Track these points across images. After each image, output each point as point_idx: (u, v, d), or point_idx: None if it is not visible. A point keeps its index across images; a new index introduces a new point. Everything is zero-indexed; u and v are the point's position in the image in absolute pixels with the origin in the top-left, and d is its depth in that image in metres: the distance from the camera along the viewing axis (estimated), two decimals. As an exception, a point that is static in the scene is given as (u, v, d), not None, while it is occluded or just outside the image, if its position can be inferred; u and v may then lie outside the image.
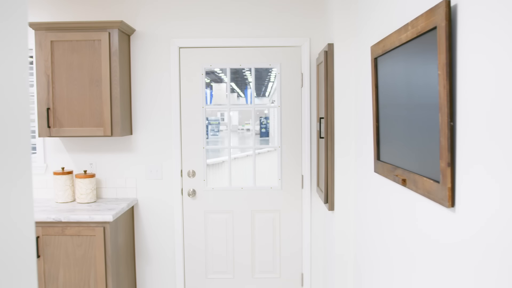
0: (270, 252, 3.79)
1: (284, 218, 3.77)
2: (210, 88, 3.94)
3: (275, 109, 3.80)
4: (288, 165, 3.75)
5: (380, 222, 2.28)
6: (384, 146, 2.10)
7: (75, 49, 3.37)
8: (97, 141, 3.77)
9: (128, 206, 3.53)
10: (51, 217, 3.15)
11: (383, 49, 2.03)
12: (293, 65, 3.70)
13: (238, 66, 3.71)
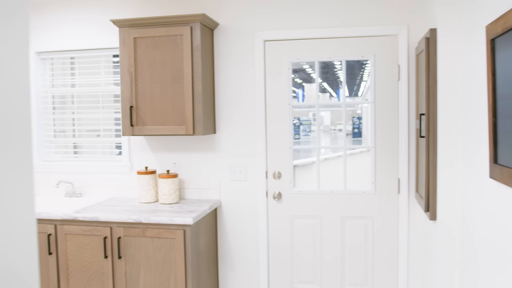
0: (361, 262, 3.44)
1: (377, 226, 3.41)
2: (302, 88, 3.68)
3: (368, 107, 3.45)
4: (382, 168, 3.38)
5: (496, 239, 1.88)
6: (504, 147, 1.70)
7: (157, 45, 3.27)
8: (180, 140, 3.66)
9: (210, 208, 3.37)
10: (132, 218, 3.07)
11: (504, 27, 1.64)
12: (389, 56, 3.32)
13: (327, 59, 3.41)
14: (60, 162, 3.97)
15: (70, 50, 3.88)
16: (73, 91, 3.96)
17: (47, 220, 3.28)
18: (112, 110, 3.88)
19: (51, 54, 3.96)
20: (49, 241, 3.26)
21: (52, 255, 3.27)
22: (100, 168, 3.83)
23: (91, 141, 3.95)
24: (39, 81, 4.01)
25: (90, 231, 3.18)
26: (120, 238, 3.12)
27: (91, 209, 3.32)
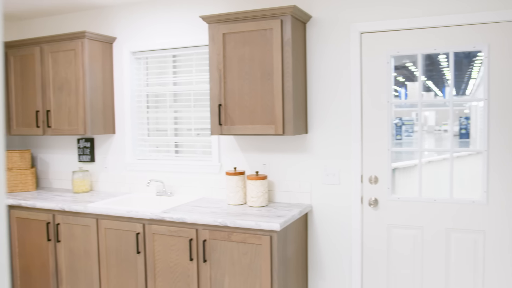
0: (469, 282, 3.03)
1: (490, 242, 2.98)
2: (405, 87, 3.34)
3: (478, 105, 3.02)
4: (497, 174, 2.94)
5: None
6: None
7: (246, 40, 3.13)
8: (270, 140, 3.50)
9: (300, 213, 3.16)
10: (218, 220, 2.95)
11: None
12: (506, 46, 2.88)
13: (432, 51, 3.04)
14: (153, 160, 3.98)
15: (162, 49, 3.88)
16: (165, 90, 3.96)
17: (136, 219, 3.28)
18: (204, 109, 3.81)
19: (145, 54, 3.99)
20: (138, 240, 3.25)
21: (140, 254, 3.26)
22: (191, 167, 3.78)
23: (183, 140, 3.92)
24: (134, 80, 4.06)
25: (176, 232, 3.11)
26: (206, 241, 3.02)
27: (178, 210, 3.26)
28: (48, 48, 3.97)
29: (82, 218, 3.49)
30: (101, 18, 4.15)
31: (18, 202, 3.78)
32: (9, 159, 4.25)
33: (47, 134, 4.03)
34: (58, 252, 3.63)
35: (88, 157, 4.26)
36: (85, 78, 3.81)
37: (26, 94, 4.12)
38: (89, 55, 3.84)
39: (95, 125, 3.91)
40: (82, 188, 4.12)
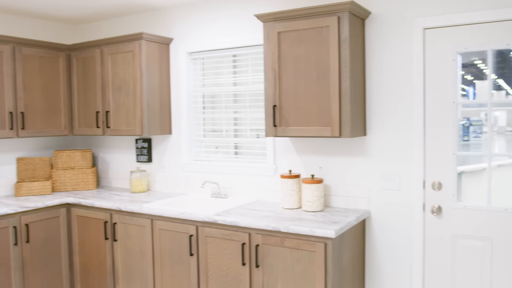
0: (547, 299, 2.76)
1: None
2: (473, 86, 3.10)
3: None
4: None
5: None
6: None
7: (301, 39, 3.01)
8: (326, 142, 3.36)
9: (357, 219, 3.01)
10: (271, 225, 2.86)
11: None
12: None
13: (504, 46, 2.79)
14: (208, 162, 3.96)
15: (217, 49, 3.84)
16: (221, 90, 3.92)
17: (189, 221, 3.25)
18: (260, 110, 3.74)
19: (201, 54, 3.97)
20: (191, 242, 3.22)
21: (193, 256, 3.24)
22: (245, 169, 3.72)
23: (239, 141, 3.86)
24: (190, 81, 4.05)
25: (229, 235, 3.06)
26: (258, 245, 2.94)
27: (232, 213, 3.20)
28: (107, 50, 4.04)
29: (138, 218, 3.52)
30: (158, 20, 4.17)
31: (78, 200, 3.87)
32: (71, 158, 4.37)
33: (106, 134, 4.11)
34: (115, 251, 3.69)
35: (146, 157, 4.30)
36: (142, 79, 3.85)
37: (87, 95, 4.22)
38: (146, 56, 3.86)
39: (151, 125, 3.94)
40: (139, 188, 4.17)
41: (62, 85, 4.30)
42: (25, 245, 3.69)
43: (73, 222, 3.96)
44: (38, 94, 4.10)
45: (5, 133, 3.87)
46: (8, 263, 3.57)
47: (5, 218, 3.56)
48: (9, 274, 3.58)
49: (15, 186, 4.07)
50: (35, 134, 4.09)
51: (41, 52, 4.11)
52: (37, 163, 4.32)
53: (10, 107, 3.89)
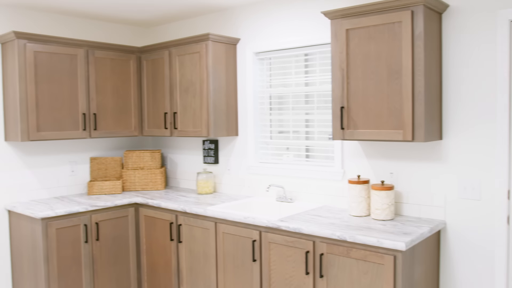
0: None
1: None
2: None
3: None
4: None
5: None
6: None
7: (371, 36, 2.82)
8: (398, 146, 3.14)
9: (431, 231, 2.77)
10: (336, 234, 2.70)
11: None
12: None
13: None
14: (274, 164, 3.85)
15: (284, 49, 3.73)
16: (288, 91, 3.80)
17: (252, 226, 3.17)
18: (328, 111, 3.58)
19: (268, 54, 3.88)
20: (254, 247, 3.14)
21: (256, 262, 3.15)
22: (312, 173, 3.57)
23: (307, 143, 3.72)
24: (257, 82, 3.97)
25: (292, 242, 2.93)
26: (323, 254, 2.79)
27: (296, 219, 3.08)
28: (175, 52, 4.05)
29: (202, 220, 3.49)
30: (225, 20, 4.13)
31: (146, 200, 3.91)
32: (140, 158, 4.44)
33: (174, 135, 4.12)
34: (180, 252, 3.68)
35: (212, 158, 4.28)
36: (209, 80, 3.82)
37: (156, 96, 4.27)
38: (213, 57, 3.83)
39: (217, 127, 3.90)
40: (206, 190, 4.15)
41: (132, 86, 4.38)
42: (95, 242, 3.78)
43: (141, 222, 4.01)
44: (110, 95, 4.20)
45: (79, 134, 3.99)
46: (79, 260, 3.68)
47: (77, 216, 3.67)
48: (80, 270, 3.69)
49: (88, 185, 4.19)
50: (107, 134, 4.19)
51: (113, 55, 4.20)
52: (109, 163, 4.43)
53: (83, 109, 4.01)
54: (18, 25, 3.95)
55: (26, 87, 3.66)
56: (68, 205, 3.71)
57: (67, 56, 3.90)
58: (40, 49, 3.73)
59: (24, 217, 3.68)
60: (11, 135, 3.78)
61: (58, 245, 3.55)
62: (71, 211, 3.60)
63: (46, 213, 3.47)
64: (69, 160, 4.30)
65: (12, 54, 3.68)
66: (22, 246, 3.73)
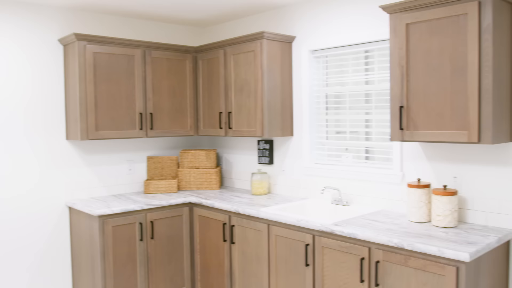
0: None
1: None
2: None
3: None
4: None
5: None
6: None
7: (433, 30, 2.64)
8: (462, 148, 2.93)
9: (498, 241, 2.55)
10: (393, 241, 2.55)
11: None
12: None
13: None
14: (330, 166, 3.72)
15: (340, 46, 3.59)
16: (345, 90, 3.66)
17: (305, 229, 3.06)
18: (385, 111, 3.41)
19: (324, 52, 3.75)
20: (307, 251, 3.03)
21: (308, 267, 3.04)
22: (369, 175, 3.42)
23: (363, 144, 3.57)
24: (313, 80, 3.86)
25: (347, 248, 2.80)
26: (379, 262, 2.64)
27: (351, 223, 2.94)
28: (230, 51, 4.02)
29: (255, 222, 3.42)
30: (280, 18, 4.04)
31: (200, 200, 3.90)
32: (196, 158, 4.45)
33: (229, 135, 4.09)
34: (233, 253, 3.64)
35: (267, 159, 4.21)
36: (263, 79, 3.75)
37: (211, 96, 4.26)
38: (267, 56, 3.76)
39: (272, 127, 3.82)
40: (260, 191, 4.08)
41: (188, 86, 4.39)
42: (150, 241, 3.81)
43: (195, 222, 4.01)
44: (166, 95, 4.23)
45: (136, 133, 4.04)
46: (134, 257, 3.72)
47: (133, 215, 3.71)
48: (135, 267, 3.73)
49: (145, 183, 4.25)
50: (163, 134, 4.22)
51: (169, 55, 4.23)
52: (165, 162, 4.47)
53: (140, 108, 4.06)
54: (79, 27, 4.06)
55: (85, 87, 3.75)
56: (125, 203, 3.76)
57: (125, 57, 3.96)
58: (99, 50, 3.81)
59: (83, 214, 3.77)
60: (72, 134, 3.88)
61: (114, 242, 3.61)
62: (127, 209, 3.65)
63: (103, 210, 3.53)
64: (127, 159, 4.38)
65: (73, 55, 3.79)
66: (81, 242, 3.83)
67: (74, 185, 4.05)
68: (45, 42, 3.87)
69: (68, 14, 3.98)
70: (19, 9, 3.72)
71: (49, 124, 3.91)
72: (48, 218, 3.91)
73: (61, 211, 3.98)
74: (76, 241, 3.92)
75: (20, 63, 3.75)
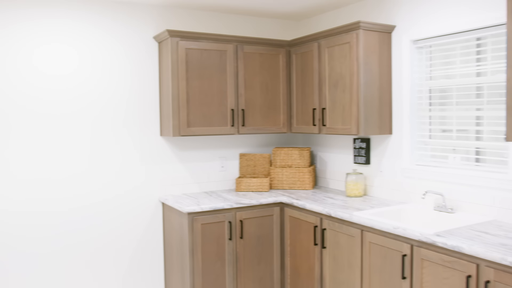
0: None
1: None
2: None
3: None
4: None
5: None
6: None
7: None
8: None
9: None
10: (508, 259, 2.18)
11: None
12: None
13: None
14: (433, 167, 3.36)
15: (447, 34, 3.21)
16: (451, 83, 3.27)
17: (403, 238, 2.77)
18: (499, 106, 2.99)
19: (428, 41, 3.39)
20: (404, 263, 2.74)
21: (405, 280, 2.75)
22: (479, 180, 3.02)
23: (471, 144, 3.17)
24: (414, 73, 3.51)
25: (450, 263, 2.47)
26: (489, 282, 2.29)
27: (456, 234, 2.60)
28: (324, 43, 3.79)
29: (347, 227, 3.19)
30: (380, 7, 3.73)
31: (291, 200, 3.74)
32: (289, 156, 4.29)
33: (322, 132, 3.88)
34: (324, 258, 3.43)
35: (363, 158, 3.93)
36: (359, 73, 3.48)
37: (305, 91, 4.07)
38: (364, 47, 3.48)
39: (369, 124, 3.54)
40: (355, 192, 3.82)
41: (281, 81, 4.24)
42: (239, 240, 3.73)
43: (286, 222, 3.86)
44: (258, 91, 4.12)
45: (227, 130, 3.98)
46: (223, 256, 3.66)
47: (222, 213, 3.65)
48: (224, 266, 3.67)
49: (236, 181, 4.17)
50: (254, 131, 4.12)
51: (262, 50, 4.11)
52: (257, 160, 4.37)
53: (232, 105, 3.99)
54: (173, 23, 4.08)
55: (178, 83, 3.75)
56: (215, 201, 3.71)
57: (217, 52, 3.91)
58: (191, 46, 3.78)
59: (174, 210, 3.78)
60: (165, 131, 3.92)
61: (203, 240, 3.57)
62: (216, 207, 3.59)
63: (192, 208, 3.51)
64: (219, 156, 4.34)
65: (166, 52, 3.80)
66: (172, 237, 3.85)
67: (168, 181, 4.09)
68: (142, 39, 3.94)
69: (162, 11, 4.01)
70: (119, 7, 3.82)
71: (146, 120, 3.98)
72: (145, 214, 3.99)
73: (155, 207, 4.04)
74: (168, 236, 3.95)
75: (120, 60, 3.86)
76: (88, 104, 3.74)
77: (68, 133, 3.67)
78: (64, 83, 3.65)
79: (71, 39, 3.67)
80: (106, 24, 3.79)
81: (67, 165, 3.67)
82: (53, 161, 3.62)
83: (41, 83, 3.56)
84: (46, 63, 3.58)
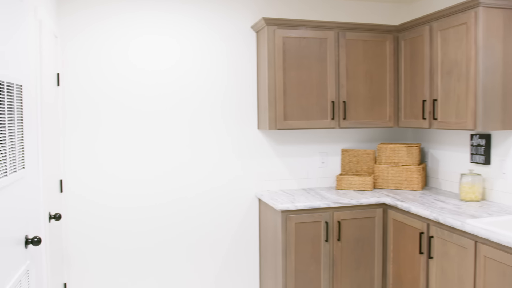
0: None
1: None
2: None
3: None
4: None
5: None
6: None
7: None
8: None
9: None
10: None
11: None
12: None
13: None
14: None
15: None
16: None
17: (525, 255, 2.31)
18: None
19: None
20: (526, 284, 2.28)
21: (528, 305, 2.28)
22: None
23: None
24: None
25: None
26: None
27: None
28: (437, 26, 3.35)
29: (458, 236, 2.76)
30: (508, -21, 3.20)
31: (395, 202, 3.38)
32: (395, 153, 3.90)
33: (433, 127, 3.44)
34: (430, 270, 3.03)
35: (482, 157, 3.41)
36: (478, 58, 3.00)
37: (414, 81, 3.65)
38: (484, 28, 2.99)
39: (489, 117, 3.05)
40: (471, 196, 3.34)
41: (388, 71, 3.86)
42: (336, 243, 3.45)
43: (389, 226, 3.50)
44: (361, 81, 3.79)
45: (327, 123, 3.71)
46: (318, 258, 3.42)
47: (318, 212, 3.41)
48: (319, 269, 3.43)
49: (337, 178, 3.89)
50: (357, 125, 3.79)
51: (366, 36, 3.77)
52: (361, 156, 4.04)
53: (332, 96, 3.71)
54: (269, 12, 3.90)
55: (274, 74, 3.57)
56: (311, 199, 3.48)
57: (316, 40, 3.65)
58: (289, 34, 3.58)
59: (269, 207, 3.62)
60: (262, 124, 3.76)
61: (296, 240, 3.36)
62: (312, 206, 3.36)
63: (286, 205, 3.31)
64: (319, 151, 4.09)
65: (263, 41, 3.64)
66: (267, 234, 3.69)
67: (265, 175, 3.94)
68: (239, 30, 3.82)
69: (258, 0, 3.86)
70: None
71: (243, 113, 3.87)
72: (240, 208, 3.89)
73: (251, 202, 3.91)
74: (263, 233, 3.81)
75: (218, 52, 3.79)
76: (187, 97, 3.72)
77: (167, 126, 3.68)
78: (164, 77, 3.66)
79: (174, 32, 3.66)
80: (204, 15, 3.73)
81: (167, 159, 3.68)
82: (152, 155, 3.65)
83: (142, 79, 3.61)
84: (147, 56, 3.61)
